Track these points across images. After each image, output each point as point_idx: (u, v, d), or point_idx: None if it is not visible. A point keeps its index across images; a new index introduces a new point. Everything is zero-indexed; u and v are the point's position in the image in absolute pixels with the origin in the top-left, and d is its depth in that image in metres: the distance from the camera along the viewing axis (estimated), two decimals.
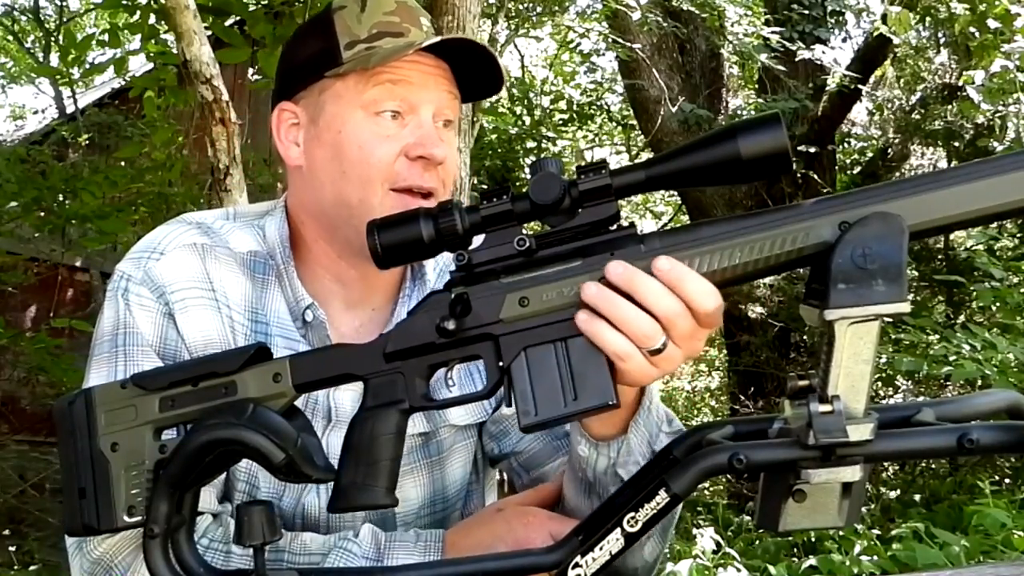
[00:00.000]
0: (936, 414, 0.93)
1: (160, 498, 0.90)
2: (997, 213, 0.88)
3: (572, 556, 0.90)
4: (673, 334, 0.92)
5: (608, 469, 1.11)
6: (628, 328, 0.91)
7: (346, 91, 1.22)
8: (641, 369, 0.93)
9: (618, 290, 0.91)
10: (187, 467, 0.90)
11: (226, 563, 1.15)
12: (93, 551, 1.14)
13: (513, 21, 8.26)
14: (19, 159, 6.72)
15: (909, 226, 0.86)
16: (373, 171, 1.21)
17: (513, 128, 10.83)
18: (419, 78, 1.22)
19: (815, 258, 0.88)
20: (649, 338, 0.91)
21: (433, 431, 1.33)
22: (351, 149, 1.21)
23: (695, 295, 0.91)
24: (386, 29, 1.21)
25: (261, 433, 0.89)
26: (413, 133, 1.21)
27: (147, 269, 1.22)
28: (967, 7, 6.67)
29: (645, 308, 0.91)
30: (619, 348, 0.92)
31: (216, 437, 0.90)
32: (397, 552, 1.17)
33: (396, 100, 1.21)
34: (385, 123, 1.21)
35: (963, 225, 0.88)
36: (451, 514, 1.38)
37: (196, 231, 1.27)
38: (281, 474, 0.91)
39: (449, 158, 1.23)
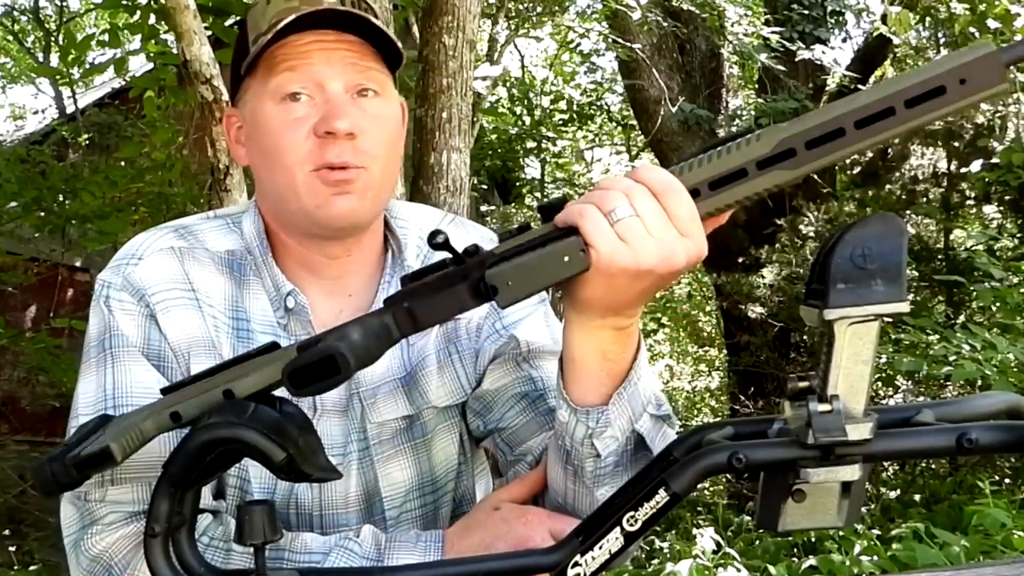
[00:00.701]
0: (936, 415, 0.93)
1: (161, 497, 0.90)
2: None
3: (572, 556, 0.90)
4: (636, 206, 0.93)
5: (585, 439, 1.09)
6: (592, 197, 0.95)
7: (256, 85, 1.25)
8: (605, 233, 0.93)
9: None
10: (188, 466, 0.90)
11: (226, 562, 1.15)
12: (91, 548, 1.15)
13: (513, 21, 8.27)
14: (19, 159, 6.73)
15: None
16: (289, 156, 1.22)
17: (513, 128, 10.84)
18: (320, 56, 1.22)
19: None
20: (609, 199, 0.93)
21: (416, 413, 1.33)
22: (268, 139, 1.23)
23: (647, 172, 0.95)
24: (284, 16, 1.21)
25: (261, 432, 0.89)
26: (319, 110, 1.21)
27: (126, 275, 1.25)
28: (967, 7, 6.68)
29: (607, 187, 0.96)
30: (581, 207, 0.94)
31: (216, 436, 0.90)
32: (397, 553, 1.18)
33: (299, 82, 1.21)
34: (293, 107, 1.22)
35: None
36: (443, 497, 1.38)
37: (173, 235, 1.30)
38: (282, 473, 0.91)
39: (367, 129, 1.23)
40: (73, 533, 1.18)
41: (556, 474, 1.17)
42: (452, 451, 1.38)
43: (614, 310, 1.01)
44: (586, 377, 1.07)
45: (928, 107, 0.88)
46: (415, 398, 1.33)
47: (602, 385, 1.07)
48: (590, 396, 1.08)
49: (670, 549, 5.43)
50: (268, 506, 0.91)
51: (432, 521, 1.37)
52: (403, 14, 6.11)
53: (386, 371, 1.32)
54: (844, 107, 0.90)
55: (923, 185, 8.54)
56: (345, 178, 1.21)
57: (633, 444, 1.12)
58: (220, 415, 0.93)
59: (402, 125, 1.34)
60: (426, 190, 4.54)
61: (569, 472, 1.14)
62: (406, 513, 1.35)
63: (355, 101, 1.23)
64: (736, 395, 9.01)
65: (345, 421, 1.30)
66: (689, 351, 16.21)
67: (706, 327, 14.94)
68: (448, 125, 4.55)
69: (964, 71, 0.87)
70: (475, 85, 5.29)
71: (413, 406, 1.33)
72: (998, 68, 0.87)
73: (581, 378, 1.07)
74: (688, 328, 15.46)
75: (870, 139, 0.90)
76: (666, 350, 17.77)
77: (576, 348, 1.06)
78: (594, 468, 1.11)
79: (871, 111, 0.89)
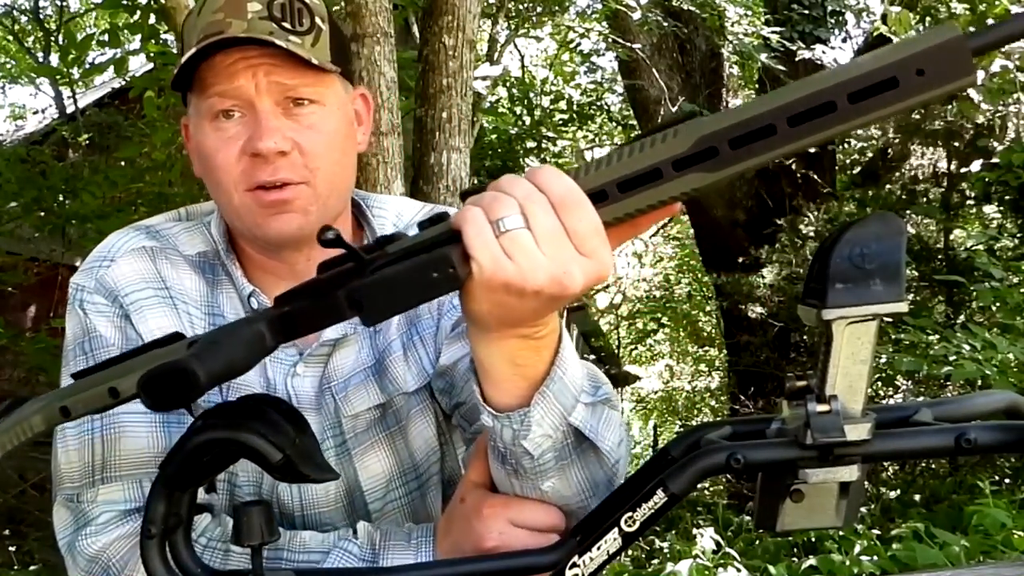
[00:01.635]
0: (934, 414, 0.93)
1: (157, 498, 0.90)
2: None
3: (570, 556, 0.90)
4: (530, 219, 0.82)
5: (514, 441, 1.00)
6: (482, 201, 0.85)
7: (195, 101, 1.23)
8: (487, 243, 0.82)
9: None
10: (184, 467, 0.90)
11: (224, 563, 1.15)
12: (88, 549, 1.15)
13: (513, 21, 8.27)
14: (19, 159, 6.73)
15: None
16: (224, 176, 1.20)
17: (513, 128, 10.83)
18: (246, 74, 1.18)
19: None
20: (498, 204, 0.83)
21: (388, 401, 1.32)
22: (205, 159, 1.23)
23: (547, 178, 0.84)
24: (210, 31, 1.17)
25: (259, 433, 0.89)
26: (249, 128, 1.19)
27: (99, 277, 1.25)
28: (967, 7, 6.68)
29: (502, 190, 0.85)
30: (466, 212, 0.84)
31: (213, 437, 0.90)
32: (392, 552, 1.17)
33: (229, 101, 1.19)
34: (225, 125, 1.20)
35: None
36: (428, 481, 1.36)
37: (144, 236, 1.30)
38: (279, 474, 0.91)
39: (303, 142, 1.20)
40: (68, 535, 1.18)
41: (497, 471, 1.09)
42: (430, 434, 1.35)
43: (509, 325, 0.91)
44: (500, 383, 0.97)
45: (876, 103, 0.74)
46: (385, 385, 1.31)
47: (519, 388, 0.97)
48: (508, 399, 0.98)
49: (670, 549, 5.43)
50: (265, 506, 0.91)
51: (420, 507, 1.35)
52: (403, 14, 6.11)
53: (355, 362, 1.31)
54: (776, 100, 0.77)
55: (923, 185, 8.55)
56: (281, 198, 1.19)
57: (573, 437, 1.02)
58: (217, 415, 0.93)
59: (356, 122, 1.31)
60: (426, 190, 4.53)
61: (509, 470, 1.05)
62: (391, 504, 1.33)
63: (289, 114, 1.20)
64: (736, 395, 9.01)
65: (319, 418, 1.29)
66: (689, 351, 16.20)
67: (706, 327, 14.94)
68: (448, 125, 4.55)
69: (922, 60, 0.72)
70: (475, 85, 5.29)
71: (384, 394, 1.31)
72: (964, 57, 0.72)
73: (495, 384, 0.97)
74: (688, 328, 15.46)
75: (806, 138, 0.76)
76: (666, 350, 17.76)
77: (482, 357, 0.96)
78: (532, 466, 1.02)
79: (807, 105, 0.75)
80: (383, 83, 3.75)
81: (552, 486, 1.04)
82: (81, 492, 1.17)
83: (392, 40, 3.86)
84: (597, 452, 1.04)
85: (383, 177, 3.73)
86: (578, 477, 1.05)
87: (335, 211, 1.27)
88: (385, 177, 3.73)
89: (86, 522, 1.16)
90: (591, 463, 1.05)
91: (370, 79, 3.73)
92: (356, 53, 3.73)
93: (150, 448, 1.19)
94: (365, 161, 3.73)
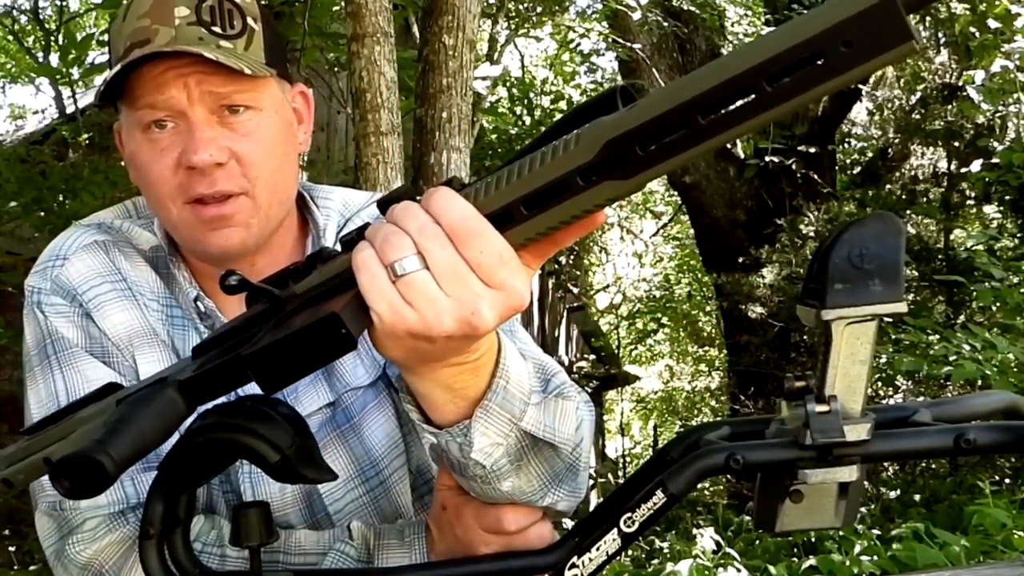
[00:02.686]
0: (933, 415, 0.93)
1: (155, 499, 0.90)
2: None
3: (569, 557, 0.90)
4: (427, 257, 0.75)
5: (461, 454, 0.96)
6: (375, 239, 0.77)
7: (125, 110, 1.19)
8: (384, 293, 0.76)
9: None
10: (183, 468, 0.90)
11: (222, 565, 1.15)
12: (78, 557, 1.13)
13: (513, 21, 8.27)
14: (19, 159, 6.72)
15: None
16: (160, 189, 1.17)
17: (513, 128, 10.83)
18: (177, 84, 1.13)
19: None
20: (392, 246, 0.76)
21: (337, 399, 1.29)
22: (139, 170, 1.20)
23: (442, 207, 0.76)
24: (136, 39, 1.13)
25: (257, 434, 0.89)
26: (183, 140, 1.15)
27: (54, 278, 1.22)
28: (967, 7, 6.68)
29: (395, 223, 0.78)
30: (360, 256, 0.77)
31: (212, 438, 0.90)
32: (386, 552, 1.16)
33: (159, 113, 1.15)
34: (156, 136, 1.16)
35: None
36: (392, 476, 1.31)
37: (95, 231, 1.27)
38: (277, 475, 0.91)
39: (240, 150, 1.16)
40: (53, 544, 1.16)
41: (457, 477, 1.05)
42: (391, 427, 1.31)
43: (432, 361, 0.85)
44: (439, 406, 0.93)
45: (800, 85, 0.62)
46: (334, 383, 1.28)
47: (460, 408, 0.93)
48: (451, 417, 0.94)
49: (670, 549, 5.43)
50: (264, 507, 0.91)
51: (386, 504, 1.31)
52: (403, 14, 6.11)
53: None
54: (685, 92, 0.66)
55: (923, 185, 8.55)
56: (221, 213, 1.16)
57: (527, 439, 0.99)
58: (216, 416, 0.93)
59: (296, 121, 1.27)
60: (426, 190, 4.53)
61: (467, 479, 1.02)
62: (352, 503, 1.29)
63: (224, 122, 1.16)
64: (736, 395, 9.01)
65: None
66: (689, 351, 16.21)
67: (706, 327, 14.94)
68: (448, 125, 4.55)
69: (847, 29, 0.60)
70: (475, 85, 5.29)
71: (333, 392, 1.28)
72: (897, 19, 0.59)
73: (433, 407, 0.93)
74: (688, 328, 15.47)
75: (726, 132, 0.66)
76: (666, 350, 17.77)
77: (416, 387, 0.91)
78: (486, 473, 0.98)
79: (720, 95, 0.65)
80: (383, 83, 3.75)
81: (512, 484, 1.01)
82: (63, 499, 1.14)
83: (392, 40, 3.86)
84: (554, 447, 1.03)
85: (383, 177, 3.73)
86: (537, 472, 1.03)
87: (277, 219, 1.23)
88: (385, 177, 3.73)
89: (71, 529, 1.14)
90: (549, 458, 1.03)
91: (370, 79, 3.73)
92: (356, 53, 3.73)
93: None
94: (365, 161, 3.73)
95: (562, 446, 1.03)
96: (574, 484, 1.09)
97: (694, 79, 0.66)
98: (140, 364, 1.21)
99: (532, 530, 1.07)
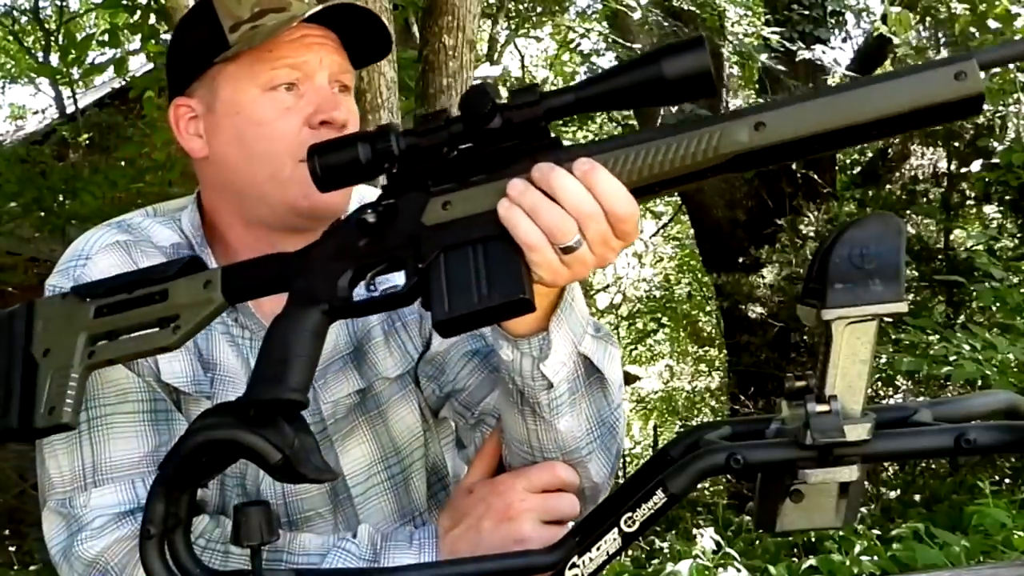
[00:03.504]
0: (934, 415, 0.93)
1: (156, 499, 0.90)
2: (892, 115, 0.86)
3: (569, 556, 0.90)
4: (587, 234, 0.92)
5: (533, 370, 1.06)
6: (542, 219, 0.91)
7: (238, 73, 1.23)
8: (551, 265, 0.93)
9: (539, 188, 0.92)
10: (183, 467, 0.90)
11: (224, 564, 1.15)
12: (85, 554, 1.13)
13: (513, 21, 8.27)
14: (19, 159, 6.72)
15: (823, 126, 0.87)
16: (278, 145, 1.21)
17: None
18: (315, 50, 1.23)
19: (733, 163, 0.89)
20: (562, 232, 0.91)
21: (368, 386, 1.32)
22: (252, 128, 1.22)
23: (609, 195, 0.91)
24: (268, 6, 1.22)
25: (257, 433, 0.89)
26: (312, 101, 1.22)
27: (76, 276, 1.23)
28: (967, 7, 6.68)
29: (562, 204, 0.91)
30: (531, 238, 0.91)
31: (212, 438, 0.90)
32: (393, 553, 1.17)
33: (295, 73, 1.22)
34: (282, 96, 1.22)
35: (866, 130, 0.88)
36: (411, 466, 1.36)
37: (117, 230, 1.30)
38: (278, 474, 0.91)
39: (351, 122, 1.24)
40: (61, 541, 1.16)
41: (513, 420, 1.14)
42: (412, 420, 1.35)
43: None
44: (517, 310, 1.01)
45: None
46: (365, 371, 1.32)
47: (534, 317, 1.03)
48: (526, 326, 1.05)
49: (670, 549, 5.43)
50: (265, 507, 0.91)
51: (404, 493, 1.35)
52: (403, 14, 6.11)
53: (333, 349, 1.30)
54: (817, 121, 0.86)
55: (923, 185, 8.54)
56: None
57: (583, 368, 1.10)
58: (216, 416, 0.93)
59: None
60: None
61: (527, 413, 1.11)
62: (374, 488, 1.33)
63: (336, 96, 1.25)
64: (736, 395, 9.00)
65: None
66: (689, 351, 16.20)
67: (706, 327, 14.93)
68: None
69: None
70: None
71: (364, 379, 1.32)
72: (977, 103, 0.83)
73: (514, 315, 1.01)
74: (688, 328, 15.46)
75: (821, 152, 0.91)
76: (666, 350, 17.76)
77: None
78: (549, 400, 1.09)
79: (850, 132, 0.87)
80: (383, 83, 3.75)
81: (567, 424, 1.10)
82: (72, 497, 1.16)
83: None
84: (604, 385, 1.12)
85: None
86: (587, 414, 1.13)
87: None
88: None
89: (80, 527, 1.15)
90: (598, 398, 1.13)
91: (370, 79, 3.73)
92: None
93: (140, 448, 1.18)
94: None
95: (611, 389, 1.13)
96: (610, 450, 1.17)
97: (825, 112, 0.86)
98: (160, 361, 1.21)
99: (566, 498, 1.14)
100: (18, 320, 1.05)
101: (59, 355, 1.03)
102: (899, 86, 0.84)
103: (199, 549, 1.11)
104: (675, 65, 0.89)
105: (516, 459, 1.19)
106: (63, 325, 1.04)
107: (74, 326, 1.04)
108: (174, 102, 1.29)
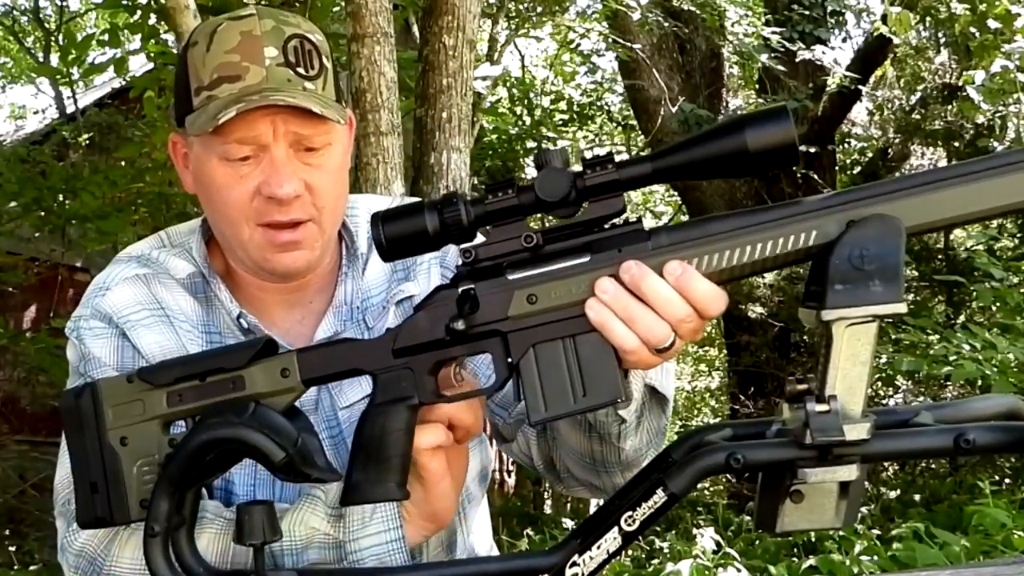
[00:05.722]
0: (934, 417, 0.93)
1: (160, 497, 0.90)
2: (999, 212, 0.89)
3: (570, 556, 0.90)
4: (680, 332, 0.95)
5: (608, 412, 1.13)
6: (638, 328, 0.94)
7: (202, 139, 1.23)
8: (647, 362, 0.97)
9: (629, 289, 0.93)
10: (187, 466, 0.90)
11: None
12: (72, 545, 1.18)
13: (513, 21, 8.27)
14: (19, 159, 6.72)
15: (915, 225, 0.87)
16: (234, 211, 1.23)
17: (513, 128, 10.82)
18: (266, 124, 1.20)
19: (820, 254, 0.88)
20: (658, 338, 0.94)
21: None
22: (213, 190, 1.24)
23: (703, 299, 0.93)
24: (225, 72, 1.20)
25: (262, 432, 0.89)
26: (264, 172, 1.21)
27: (95, 305, 1.28)
28: (967, 7, 6.68)
29: (655, 310, 0.93)
30: (628, 344, 0.94)
31: (216, 436, 0.91)
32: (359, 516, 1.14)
33: (246, 148, 1.21)
34: (239, 166, 1.22)
35: (965, 222, 0.90)
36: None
37: (136, 264, 1.33)
38: (281, 474, 0.92)
39: (313, 183, 1.23)
40: (60, 539, 1.22)
41: (577, 440, 1.20)
42: (477, 464, 1.35)
43: None
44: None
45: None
46: None
47: None
48: None
49: (670, 549, 5.43)
50: (268, 506, 0.91)
51: None
52: (403, 14, 6.11)
53: None
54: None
55: None
56: (293, 239, 1.23)
57: (648, 394, 1.16)
58: (220, 415, 0.93)
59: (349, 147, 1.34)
60: (426, 190, 4.53)
61: (594, 439, 1.18)
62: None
63: (301, 157, 1.23)
64: (736, 395, 9.01)
65: (316, 416, 1.29)
66: (689, 351, 16.20)
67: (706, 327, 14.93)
68: (448, 125, 4.54)
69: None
70: (475, 85, 5.29)
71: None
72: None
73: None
74: None
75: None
76: None
77: None
78: (619, 431, 1.15)
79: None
80: (383, 83, 3.75)
81: (632, 444, 1.17)
82: (70, 499, 1.19)
83: (392, 40, 3.86)
84: (663, 403, 1.18)
85: (383, 177, 3.73)
86: (648, 430, 1.20)
87: (334, 238, 1.32)
88: (385, 177, 3.73)
89: (69, 523, 1.19)
90: (657, 414, 1.20)
91: (370, 79, 3.73)
92: (356, 53, 3.73)
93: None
94: (365, 161, 3.73)
95: (668, 403, 1.18)
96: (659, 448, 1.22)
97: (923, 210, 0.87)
98: None
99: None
100: (85, 402, 1.03)
101: (139, 445, 1.01)
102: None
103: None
104: (760, 137, 0.88)
105: (576, 467, 1.25)
106: (136, 413, 1.02)
107: (148, 414, 1.02)
108: (171, 136, 1.32)
